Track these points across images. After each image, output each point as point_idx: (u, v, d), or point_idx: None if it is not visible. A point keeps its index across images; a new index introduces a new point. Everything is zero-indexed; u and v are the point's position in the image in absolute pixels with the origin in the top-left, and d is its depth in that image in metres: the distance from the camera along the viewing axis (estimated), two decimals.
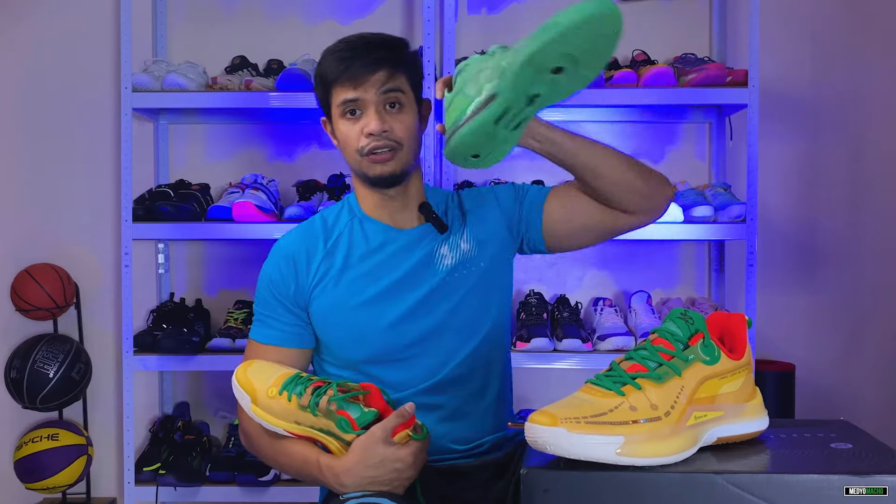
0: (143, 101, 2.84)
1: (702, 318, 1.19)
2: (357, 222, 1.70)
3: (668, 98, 2.83)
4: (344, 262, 1.65)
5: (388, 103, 1.60)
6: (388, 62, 1.60)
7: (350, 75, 1.58)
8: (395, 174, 1.62)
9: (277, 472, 2.87)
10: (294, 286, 1.65)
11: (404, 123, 1.61)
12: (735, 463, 1.12)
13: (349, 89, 1.59)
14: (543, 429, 1.06)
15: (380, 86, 1.58)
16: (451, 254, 1.67)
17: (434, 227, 1.68)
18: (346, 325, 1.63)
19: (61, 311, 3.04)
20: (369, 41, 1.62)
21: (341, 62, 1.59)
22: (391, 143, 1.59)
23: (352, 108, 1.60)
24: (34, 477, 2.91)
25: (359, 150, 1.61)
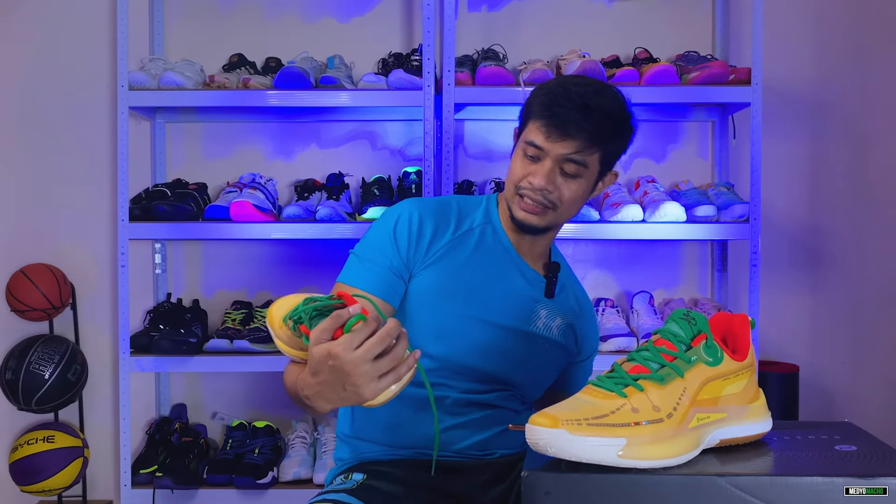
0: (140, 99, 2.84)
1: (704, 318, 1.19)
2: (490, 228, 1.71)
3: (670, 96, 2.83)
4: (465, 259, 1.66)
5: (566, 168, 1.59)
6: (589, 135, 1.57)
7: (550, 124, 1.57)
8: (536, 228, 1.65)
9: (275, 475, 2.87)
10: (412, 252, 1.63)
11: (570, 191, 1.61)
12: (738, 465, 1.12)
13: (541, 136, 1.58)
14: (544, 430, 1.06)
15: (568, 153, 1.57)
16: (546, 323, 1.71)
17: (546, 286, 1.71)
18: (437, 320, 1.62)
19: (57, 311, 3.04)
20: (588, 102, 1.56)
21: (551, 108, 1.57)
22: (545, 202, 1.61)
23: (532, 153, 1.60)
24: (30, 479, 2.91)
25: (517, 188, 1.62)
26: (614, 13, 3.19)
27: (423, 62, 2.81)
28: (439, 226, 1.66)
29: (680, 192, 2.94)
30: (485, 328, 1.64)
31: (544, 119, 1.57)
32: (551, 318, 1.71)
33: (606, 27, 3.18)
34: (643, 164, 3.19)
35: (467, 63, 2.93)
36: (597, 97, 1.58)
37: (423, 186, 2.83)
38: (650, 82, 2.81)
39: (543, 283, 1.71)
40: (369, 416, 1.66)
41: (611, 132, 1.60)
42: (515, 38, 3.13)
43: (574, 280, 1.84)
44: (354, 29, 3.19)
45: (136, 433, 3.09)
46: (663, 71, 2.81)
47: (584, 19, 3.18)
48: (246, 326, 2.92)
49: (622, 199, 2.85)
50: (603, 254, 3.21)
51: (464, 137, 3.20)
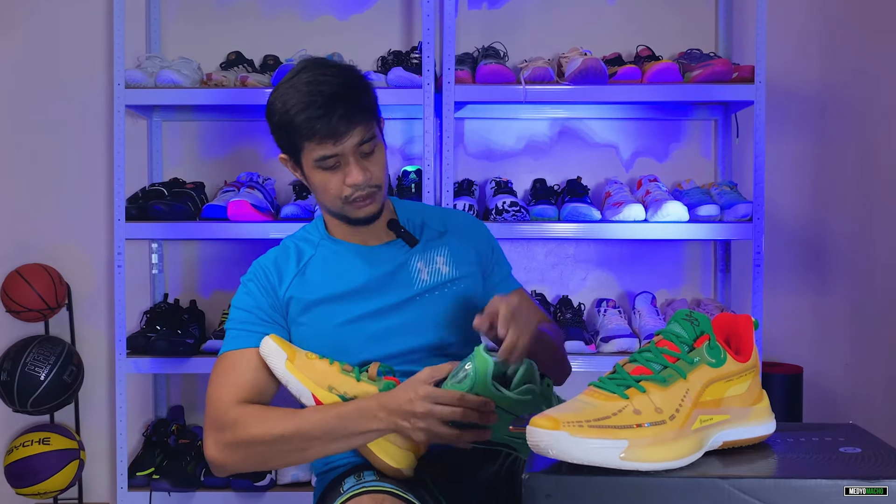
0: (137, 97, 2.84)
1: (707, 319, 1.19)
2: (327, 243, 1.75)
3: (672, 94, 2.83)
4: (317, 285, 1.69)
5: (364, 153, 1.63)
6: (362, 115, 1.61)
7: (326, 134, 1.58)
8: (377, 212, 1.69)
9: (273, 478, 2.87)
10: (273, 298, 1.70)
11: (379, 165, 1.66)
12: (741, 467, 1.12)
13: (327, 146, 1.60)
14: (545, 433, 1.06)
15: (358, 141, 1.61)
16: (428, 270, 1.73)
17: (404, 241, 1.73)
18: (327, 343, 1.66)
19: (53, 312, 3.04)
20: (335, 95, 1.58)
21: (314, 121, 1.58)
22: (372, 189, 1.65)
23: (331, 163, 1.62)
24: (25, 482, 2.91)
25: (342, 199, 1.65)
26: (616, 10, 3.19)
27: (423, 60, 2.81)
28: (281, 270, 1.72)
29: (682, 192, 2.94)
30: (375, 319, 1.67)
31: (316, 136, 1.58)
32: (431, 261, 1.73)
33: (608, 24, 3.18)
34: (645, 163, 3.19)
35: (467, 61, 2.93)
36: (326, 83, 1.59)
37: (423, 186, 2.83)
38: (652, 80, 2.81)
39: (400, 242, 1.74)
40: None
41: (370, 102, 1.65)
42: (516, 35, 3.13)
43: (429, 210, 1.85)
44: (353, 26, 3.19)
45: (133, 435, 3.09)
46: (666, 69, 2.81)
47: (586, 16, 3.18)
48: None
49: (624, 198, 2.85)
50: (605, 254, 3.21)
51: (464, 136, 3.20)
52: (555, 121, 3.20)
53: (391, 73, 2.83)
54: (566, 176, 3.08)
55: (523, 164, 3.19)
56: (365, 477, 1.56)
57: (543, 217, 2.82)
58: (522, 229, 2.78)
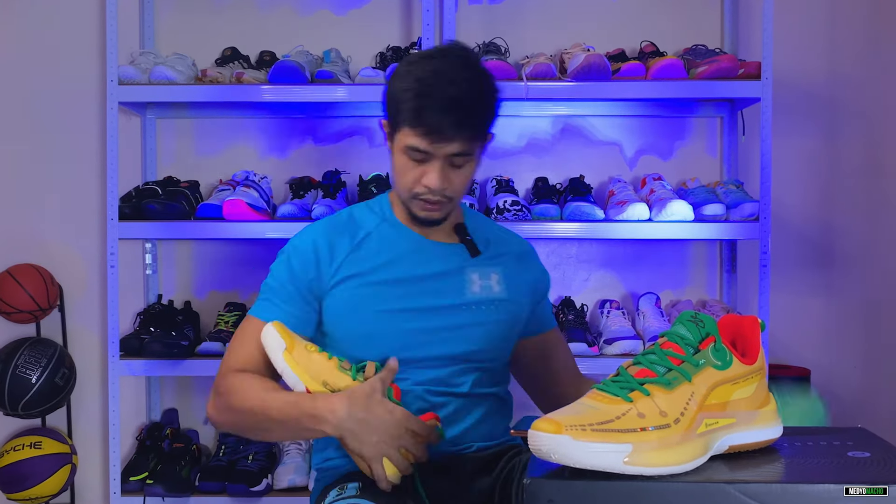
0: (130, 94, 2.84)
1: (713, 320, 1.19)
2: (388, 225, 1.73)
3: (677, 91, 2.83)
4: (370, 265, 1.68)
5: (455, 163, 1.63)
6: (470, 131, 1.60)
7: (429, 131, 1.58)
8: (440, 220, 1.69)
9: (270, 483, 2.87)
10: (314, 275, 1.67)
11: (462, 178, 1.65)
12: (747, 472, 1.12)
13: (423, 141, 1.59)
14: (547, 436, 1.06)
15: (454, 152, 1.60)
16: (481, 283, 1.72)
17: (467, 249, 1.73)
18: (363, 327, 1.66)
19: (44, 313, 3.04)
20: (457, 100, 1.57)
21: (425, 113, 1.57)
22: (443, 199, 1.64)
23: (419, 157, 1.61)
24: (16, 487, 2.91)
25: (411, 193, 1.65)
26: (620, 5, 3.19)
27: None
28: (333, 243, 1.69)
29: (687, 191, 2.94)
30: (417, 316, 1.66)
31: (420, 127, 1.58)
32: (486, 276, 1.73)
33: (612, 20, 3.18)
34: (649, 162, 3.19)
35: None
36: (463, 89, 1.58)
37: None
38: (657, 77, 2.81)
39: (462, 248, 1.73)
40: None
41: (486, 120, 1.65)
42: (518, 31, 3.13)
43: (496, 227, 1.85)
44: (351, 22, 3.19)
45: (126, 439, 3.09)
46: (670, 65, 2.81)
47: (589, 12, 3.18)
48: None
49: (628, 197, 2.85)
50: (608, 254, 3.21)
51: None
52: (557, 118, 3.20)
53: (390, 70, 2.82)
54: (568, 174, 3.08)
55: (525, 162, 3.19)
56: (347, 491, 1.56)
57: (545, 216, 2.82)
58: (524, 229, 2.77)
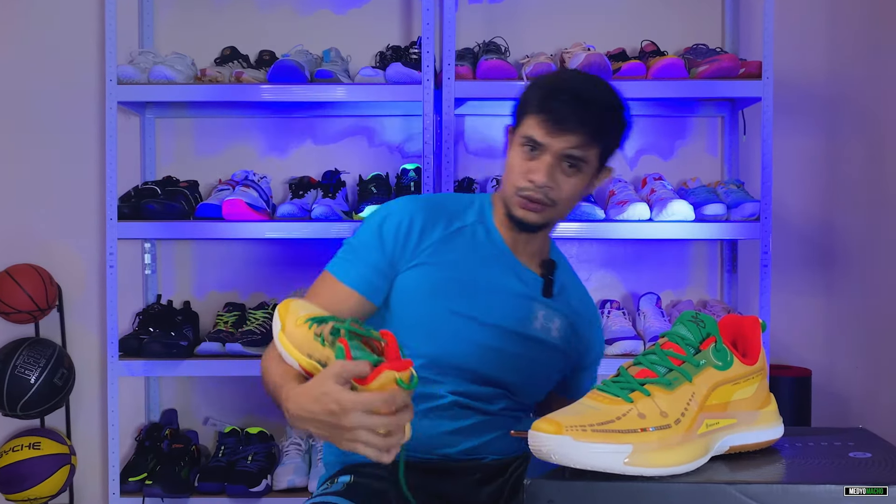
0: (129, 93, 2.83)
1: (714, 321, 1.19)
2: (483, 228, 1.72)
3: (678, 91, 2.83)
4: (452, 258, 1.67)
5: (566, 164, 1.61)
6: (591, 131, 1.59)
7: (546, 119, 1.58)
8: (535, 225, 1.66)
9: (269, 483, 2.87)
10: (399, 249, 1.66)
11: (570, 186, 1.63)
12: (748, 473, 1.12)
13: (540, 132, 1.59)
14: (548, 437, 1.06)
15: (568, 147, 1.59)
16: (543, 324, 1.71)
17: (543, 285, 1.72)
18: (421, 317, 1.64)
19: (43, 313, 3.04)
20: (586, 97, 1.60)
21: (549, 101, 1.59)
22: (546, 200, 1.62)
23: (533, 146, 1.61)
24: (15, 487, 2.91)
25: (515, 187, 1.63)
26: (620, 4, 3.19)
27: (423, 55, 2.81)
28: (428, 223, 1.68)
29: (688, 190, 2.94)
30: (477, 328, 1.65)
31: (543, 114, 1.59)
32: (549, 320, 1.72)
33: (612, 19, 3.18)
34: (650, 161, 3.19)
35: (468, 56, 2.93)
36: (594, 91, 1.62)
37: (423, 184, 2.83)
38: (657, 76, 2.81)
39: (541, 283, 1.72)
40: None
41: (609, 126, 1.63)
42: (518, 30, 3.13)
43: (576, 281, 1.85)
44: (351, 21, 3.19)
45: (125, 440, 3.09)
46: (671, 64, 2.81)
47: (589, 11, 3.18)
48: (239, 329, 2.92)
49: (628, 197, 2.85)
50: (608, 254, 3.21)
51: (464, 133, 3.20)
52: None
53: (390, 69, 2.83)
54: None
55: None
56: (334, 486, 1.56)
57: None
58: None
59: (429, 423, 1.62)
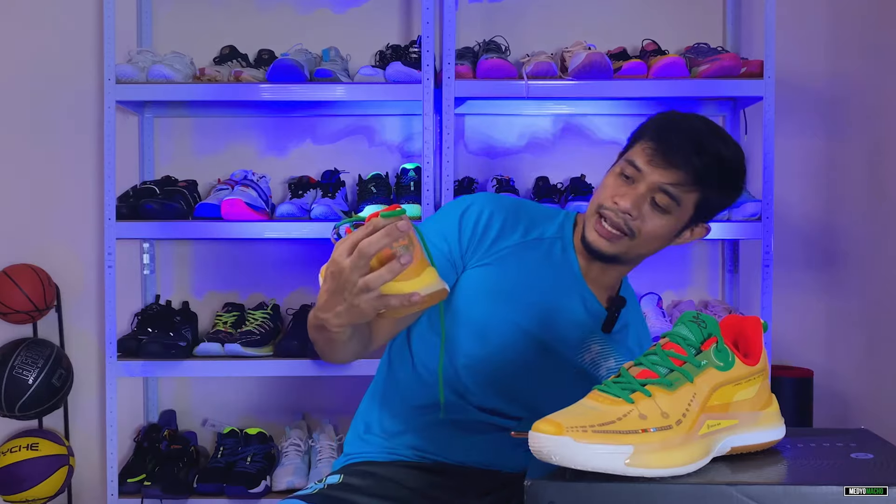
0: (128, 93, 2.83)
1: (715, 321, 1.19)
2: (560, 245, 1.67)
3: (679, 90, 2.83)
4: (527, 266, 1.63)
5: (658, 200, 1.55)
6: (694, 173, 1.53)
7: (655, 148, 1.54)
8: (604, 254, 1.59)
9: (268, 484, 2.87)
10: (476, 242, 1.61)
11: (654, 225, 1.56)
12: (750, 474, 1.12)
13: (643, 159, 1.55)
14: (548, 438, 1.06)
15: (665, 181, 1.53)
16: (595, 360, 1.66)
17: (606, 320, 1.66)
18: (481, 318, 1.59)
19: (41, 314, 3.04)
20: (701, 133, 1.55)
21: (665, 133, 1.55)
22: (624, 228, 1.56)
23: (631, 173, 1.56)
24: (12, 489, 2.91)
25: (598, 206, 1.58)
26: (621, 3, 3.19)
27: (423, 54, 2.81)
28: (507, 226, 1.63)
29: None
30: (528, 341, 1.60)
31: (654, 142, 1.54)
32: (603, 357, 1.66)
33: (613, 18, 3.18)
34: None
35: (468, 55, 2.93)
36: (715, 140, 1.56)
37: (423, 184, 2.83)
38: (658, 75, 2.81)
39: (604, 316, 1.66)
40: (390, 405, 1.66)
41: (717, 176, 1.55)
42: (518, 29, 3.13)
43: (640, 321, 1.78)
44: (350, 20, 3.19)
45: (124, 441, 3.09)
46: (672, 63, 2.81)
47: (590, 9, 3.18)
48: (238, 329, 2.92)
49: None
50: None
51: (464, 133, 3.20)
52: (558, 117, 3.20)
53: (389, 68, 2.83)
54: (569, 174, 3.08)
55: (525, 161, 3.19)
56: (321, 484, 1.57)
57: None
58: None
59: (450, 431, 1.61)
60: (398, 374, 1.68)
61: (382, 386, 1.71)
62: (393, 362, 1.70)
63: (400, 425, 1.65)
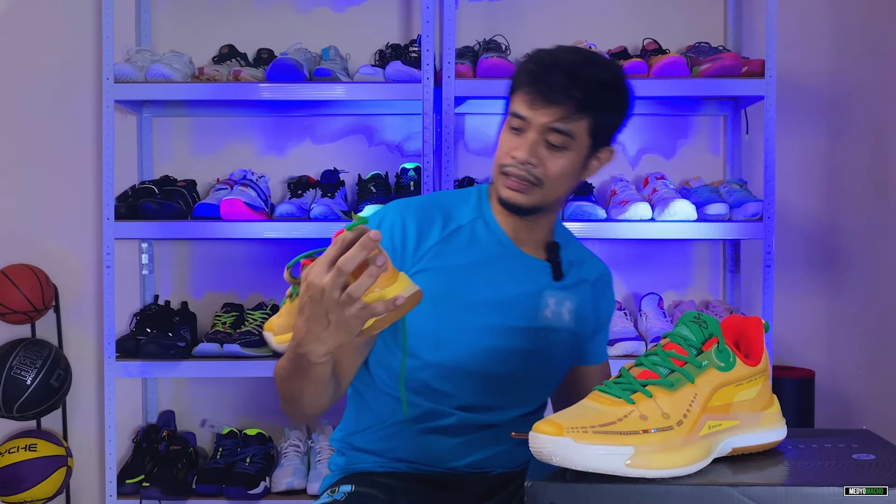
0: (126, 92, 2.83)
1: (716, 321, 1.19)
2: (482, 224, 1.67)
3: (680, 89, 2.83)
4: (453, 262, 1.62)
5: (551, 140, 1.55)
6: (574, 101, 1.52)
7: (531, 92, 1.54)
8: (522, 207, 1.60)
9: (268, 485, 2.87)
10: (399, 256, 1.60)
11: (557, 166, 1.56)
12: (751, 475, 1.12)
13: (524, 105, 1.55)
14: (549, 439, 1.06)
15: (550, 120, 1.53)
16: (555, 310, 1.66)
17: (552, 270, 1.66)
18: (432, 327, 1.58)
19: (39, 314, 3.04)
20: (573, 67, 1.54)
21: (533, 74, 1.55)
22: (531, 178, 1.56)
23: (518, 124, 1.57)
24: (10, 490, 2.91)
25: (500, 166, 1.59)
26: (622, 2, 3.19)
27: (422, 54, 2.81)
28: (423, 227, 1.62)
29: (690, 190, 2.94)
30: (485, 332, 1.61)
31: (530, 86, 1.54)
32: (560, 304, 1.67)
33: (614, 17, 3.18)
34: (652, 161, 3.19)
35: (468, 55, 2.93)
36: (589, 67, 1.56)
37: (423, 183, 2.83)
38: (659, 74, 2.81)
39: (549, 269, 1.67)
40: (367, 426, 1.66)
41: (600, 99, 1.56)
42: (518, 28, 3.13)
43: (583, 252, 1.78)
44: (350, 19, 3.19)
45: (122, 441, 3.09)
46: (673, 63, 2.81)
47: (591, 8, 3.18)
48: (237, 330, 2.92)
49: (630, 196, 2.85)
50: (610, 254, 3.20)
51: (464, 132, 3.20)
52: None
53: (389, 68, 2.83)
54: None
55: None
56: (336, 494, 1.56)
57: None
58: None
59: (435, 438, 1.61)
60: (367, 398, 1.68)
61: (354, 414, 1.71)
62: (358, 389, 1.70)
63: (382, 443, 1.65)
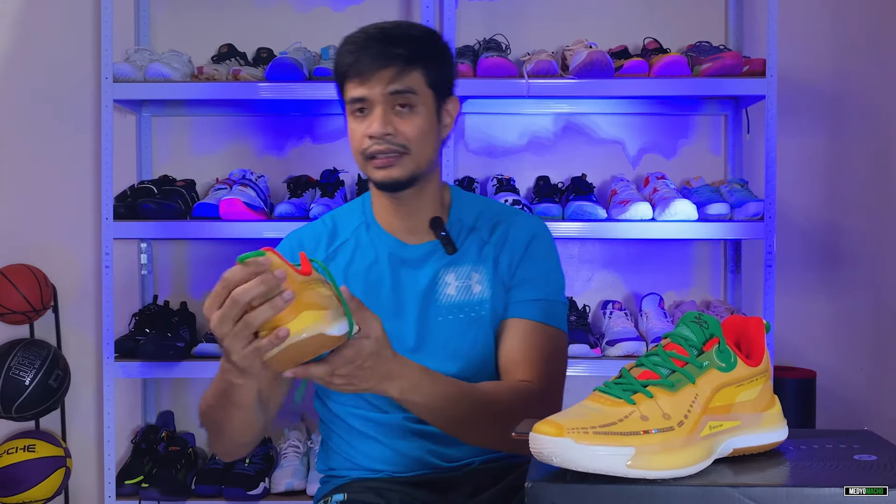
0: (125, 92, 2.83)
1: (717, 322, 1.19)
2: (364, 228, 1.67)
3: (681, 89, 2.83)
4: (343, 273, 1.63)
5: (397, 104, 1.55)
6: (400, 58, 1.54)
7: (357, 70, 1.54)
8: (400, 180, 1.57)
9: (267, 486, 2.88)
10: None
11: (413, 125, 1.55)
12: (752, 476, 1.12)
13: (357, 86, 1.55)
14: (549, 439, 1.06)
15: (387, 84, 1.53)
16: (458, 286, 1.62)
17: (443, 245, 1.63)
18: None
19: (38, 314, 3.04)
20: (385, 32, 1.56)
21: (351, 54, 1.56)
22: (395, 148, 1.55)
23: (360, 106, 1.56)
24: (9, 491, 2.91)
25: (362, 152, 1.57)
26: (622, 1, 3.19)
27: None
28: (310, 250, 1.64)
29: (691, 190, 2.94)
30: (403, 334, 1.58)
31: (354, 67, 1.55)
32: (464, 276, 1.62)
33: (614, 16, 3.18)
34: (653, 160, 3.19)
35: (468, 54, 2.93)
36: (397, 27, 1.59)
37: None
38: (660, 74, 2.81)
39: (439, 246, 1.63)
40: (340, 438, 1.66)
41: (422, 50, 1.57)
42: (519, 27, 3.13)
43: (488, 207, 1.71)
44: (350, 18, 3.18)
45: (121, 442, 3.09)
46: (674, 62, 2.81)
47: (591, 8, 3.18)
48: None
49: (630, 196, 2.85)
50: (610, 254, 3.21)
51: (464, 132, 3.20)
52: (559, 116, 3.20)
53: None
54: (570, 173, 3.09)
55: (526, 160, 3.19)
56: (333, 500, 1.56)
57: (547, 216, 2.81)
58: None
59: (405, 443, 1.60)
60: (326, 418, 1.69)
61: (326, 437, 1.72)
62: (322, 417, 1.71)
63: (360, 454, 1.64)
